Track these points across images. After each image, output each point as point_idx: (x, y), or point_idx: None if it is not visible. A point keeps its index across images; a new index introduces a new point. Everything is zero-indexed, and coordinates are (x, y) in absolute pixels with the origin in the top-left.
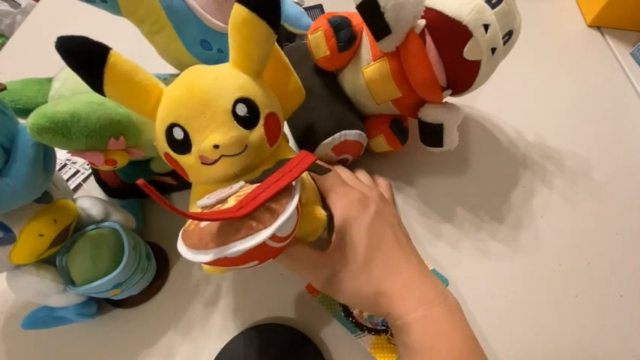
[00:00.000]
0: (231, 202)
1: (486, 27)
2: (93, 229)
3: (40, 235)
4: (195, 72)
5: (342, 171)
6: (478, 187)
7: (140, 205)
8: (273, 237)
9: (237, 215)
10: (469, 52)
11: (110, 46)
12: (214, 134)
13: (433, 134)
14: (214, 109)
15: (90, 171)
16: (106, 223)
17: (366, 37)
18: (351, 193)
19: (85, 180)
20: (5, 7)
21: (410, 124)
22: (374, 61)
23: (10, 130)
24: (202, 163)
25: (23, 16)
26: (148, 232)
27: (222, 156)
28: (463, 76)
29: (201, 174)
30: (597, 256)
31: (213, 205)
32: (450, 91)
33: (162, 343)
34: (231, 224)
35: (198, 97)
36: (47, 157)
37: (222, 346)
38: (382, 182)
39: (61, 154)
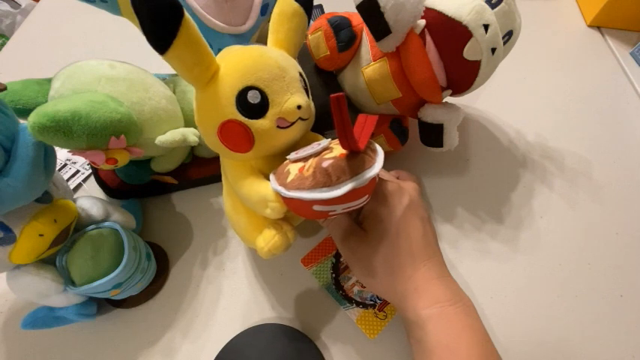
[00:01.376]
0: (332, 154)
1: (486, 27)
2: (93, 229)
3: (41, 235)
4: (253, 46)
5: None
6: (478, 187)
7: (140, 205)
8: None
9: (360, 147)
10: (469, 52)
11: (110, 46)
12: (295, 96)
13: (433, 134)
14: (290, 76)
15: (90, 171)
16: (106, 223)
17: (366, 37)
18: (386, 184)
19: (85, 180)
20: (5, 7)
21: (410, 124)
22: (374, 61)
23: (10, 130)
24: (278, 126)
25: (23, 16)
26: (148, 232)
27: (298, 119)
28: (463, 76)
29: (271, 139)
30: (597, 256)
31: (307, 158)
32: (450, 91)
33: (162, 343)
34: (355, 159)
35: (276, 64)
36: (47, 157)
37: (222, 346)
38: (411, 177)
39: (62, 154)
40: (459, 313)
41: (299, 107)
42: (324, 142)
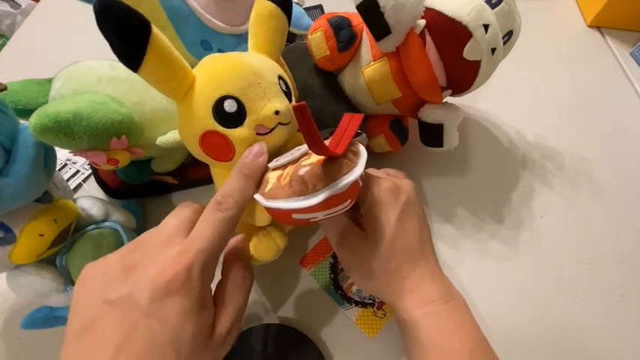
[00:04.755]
0: (309, 160)
1: (486, 27)
2: (93, 229)
3: (41, 235)
4: (230, 54)
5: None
6: (478, 187)
7: (140, 205)
8: (361, 173)
9: (338, 152)
10: (469, 53)
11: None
12: (273, 101)
13: (433, 134)
14: (266, 81)
15: (90, 171)
16: (107, 223)
17: (366, 37)
18: (383, 182)
19: (85, 180)
20: (5, 7)
21: (410, 124)
22: (374, 61)
23: (10, 130)
24: (258, 133)
25: (23, 16)
26: None
27: (278, 124)
28: (463, 76)
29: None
30: (597, 256)
31: (285, 166)
32: (449, 91)
33: None
34: (332, 165)
35: (251, 70)
36: (48, 157)
37: None
38: (401, 174)
39: (62, 154)
40: (451, 311)
41: (277, 113)
42: (304, 147)
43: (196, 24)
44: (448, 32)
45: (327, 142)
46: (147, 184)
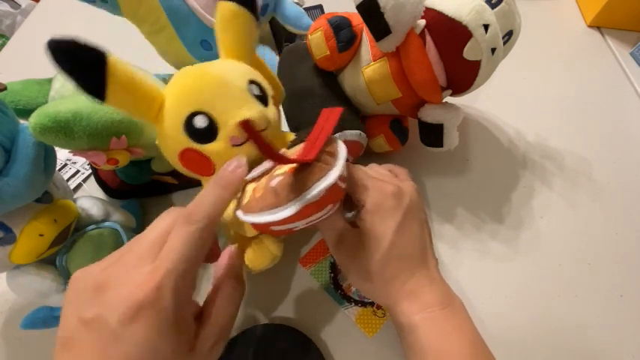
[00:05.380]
0: (282, 169)
1: (486, 27)
2: (93, 229)
3: (41, 235)
4: (197, 66)
5: (374, 165)
6: (478, 187)
7: (140, 205)
8: (339, 176)
9: (309, 158)
10: (469, 53)
11: (111, 46)
12: (242, 110)
13: (433, 134)
14: (234, 90)
15: (90, 171)
16: (107, 223)
17: (366, 37)
18: (384, 186)
19: (85, 180)
20: (5, 7)
21: (410, 124)
22: (374, 61)
23: (10, 130)
24: (233, 145)
25: (23, 16)
26: None
27: None
28: (463, 76)
29: (230, 158)
30: (597, 256)
31: (260, 177)
32: (449, 91)
33: None
34: (304, 171)
35: (215, 81)
36: (48, 157)
37: None
38: (402, 170)
39: (62, 154)
40: (448, 316)
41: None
42: (280, 151)
43: (196, 24)
44: (448, 32)
45: (302, 146)
46: (147, 184)
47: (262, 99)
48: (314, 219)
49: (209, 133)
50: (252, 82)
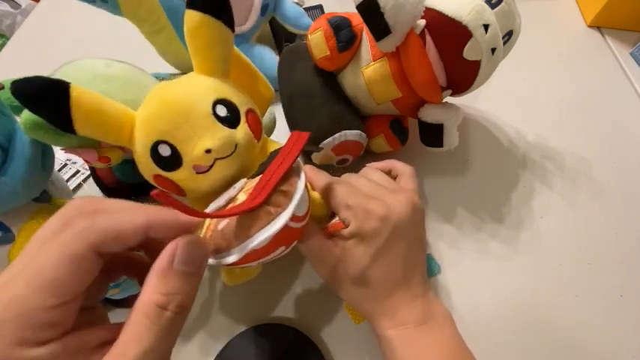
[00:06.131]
0: (242, 198)
1: (486, 27)
2: None
3: None
4: (163, 86)
5: (370, 170)
6: (478, 187)
7: None
8: (292, 217)
9: (253, 205)
10: (469, 53)
11: (110, 46)
12: (203, 139)
13: (433, 134)
14: (195, 116)
15: (90, 171)
16: None
17: (366, 37)
18: (368, 206)
19: (85, 180)
20: (5, 7)
21: (410, 124)
22: (374, 61)
23: (7, 129)
24: (197, 172)
25: (23, 16)
26: None
27: (216, 160)
28: (463, 76)
29: (198, 185)
30: (597, 256)
31: (225, 207)
32: (449, 91)
33: None
34: (250, 216)
35: (176, 108)
36: (45, 157)
37: (222, 346)
38: (406, 170)
39: (62, 155)
40: (424, 332)
41: (208, 151)
42: (238, 185)
43: None
44: (448, 32)
45: (255, 182)
46: (144, 183)
47: (231, 120)
48: (269, 258)
49: (173, 161)
50: (219, 101)
